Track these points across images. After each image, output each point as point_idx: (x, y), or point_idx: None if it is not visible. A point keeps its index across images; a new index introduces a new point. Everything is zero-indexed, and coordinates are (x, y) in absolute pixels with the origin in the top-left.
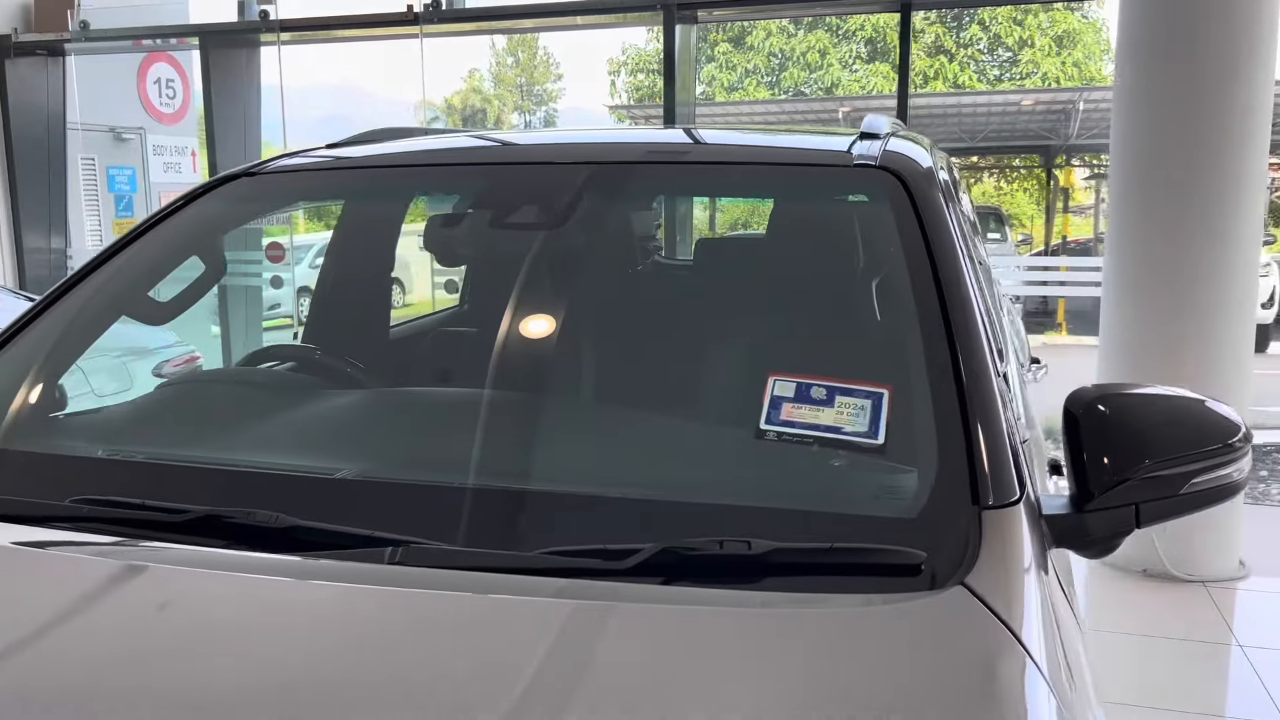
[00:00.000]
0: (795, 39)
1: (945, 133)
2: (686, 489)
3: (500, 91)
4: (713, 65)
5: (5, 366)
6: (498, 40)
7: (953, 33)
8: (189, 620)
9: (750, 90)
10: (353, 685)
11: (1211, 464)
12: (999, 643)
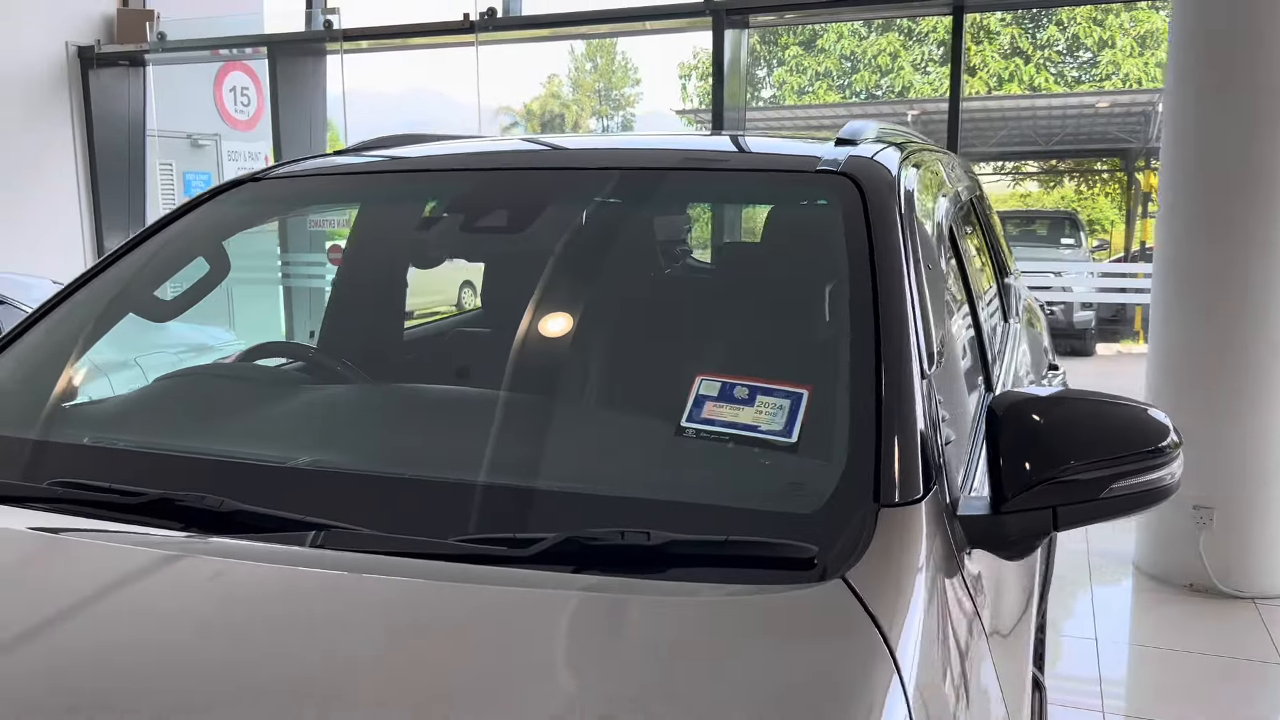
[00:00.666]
0: (867, 42)
1: (1019, 136)
2: (599, 483)
3: (579, 96)
4: (783, 69)
5: (11, 359)
6: (576, 46)
7: (1029, 34)
8: (112, 593)
9: (820, 94)
10: (234, 651)
11: (1135, 468)
12: (864, 642)
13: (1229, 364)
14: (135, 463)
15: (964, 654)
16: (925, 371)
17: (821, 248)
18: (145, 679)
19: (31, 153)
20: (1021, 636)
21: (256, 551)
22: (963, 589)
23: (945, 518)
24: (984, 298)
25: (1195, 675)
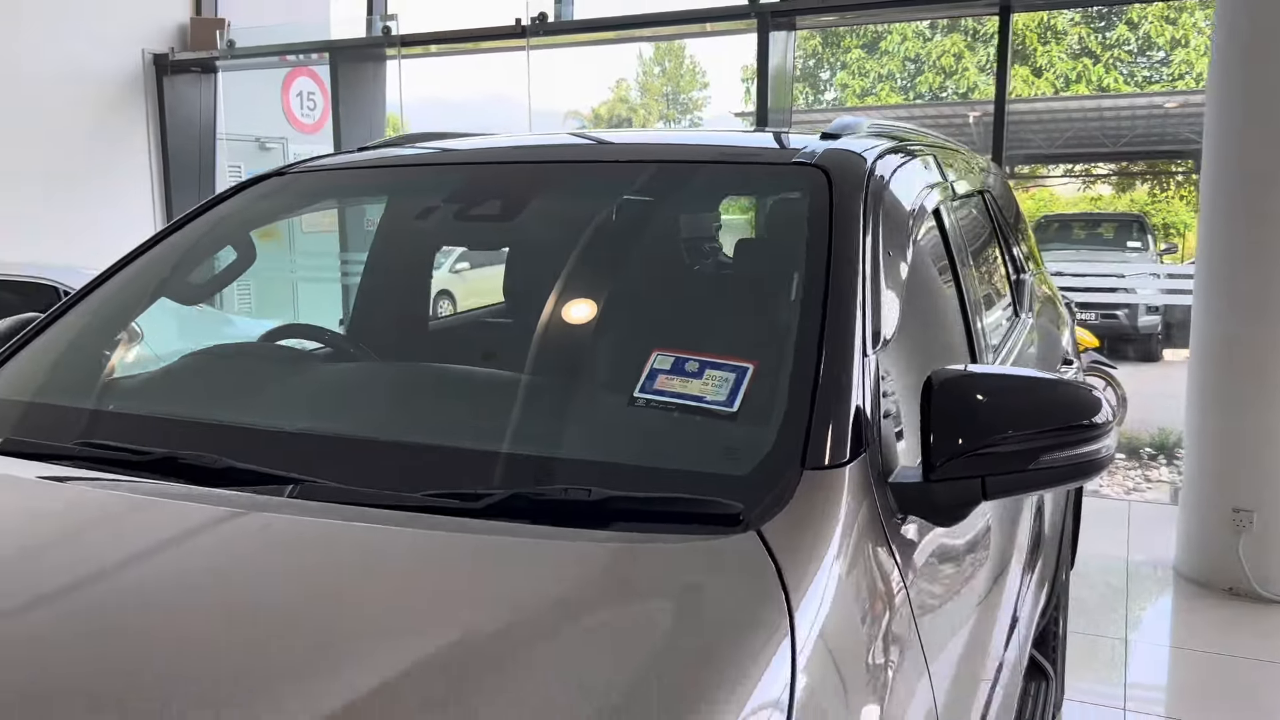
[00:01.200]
0: (931, 43)
1: (1085, 137)
2: (554, 447)
3: (646, 100)
4: (845, 72)
5: (52, 337)
6: (645, 50)
7: (1098, 34)
8: (103, 530)
9: (882, 96)
10: (199, 577)
11: (1065, 441)
12: (765, 589)
13: (1269, 365)
14: (149, 426)
15: (878, 617)
16: (868, 351)
17: (787, 234)
18: (127, 600)
19: (109, 154)
20: (990, 615)
21: (240, 500)
22: (888, 554)
23: (873, 483)
24: (982, 290)
25: (1230, 677)
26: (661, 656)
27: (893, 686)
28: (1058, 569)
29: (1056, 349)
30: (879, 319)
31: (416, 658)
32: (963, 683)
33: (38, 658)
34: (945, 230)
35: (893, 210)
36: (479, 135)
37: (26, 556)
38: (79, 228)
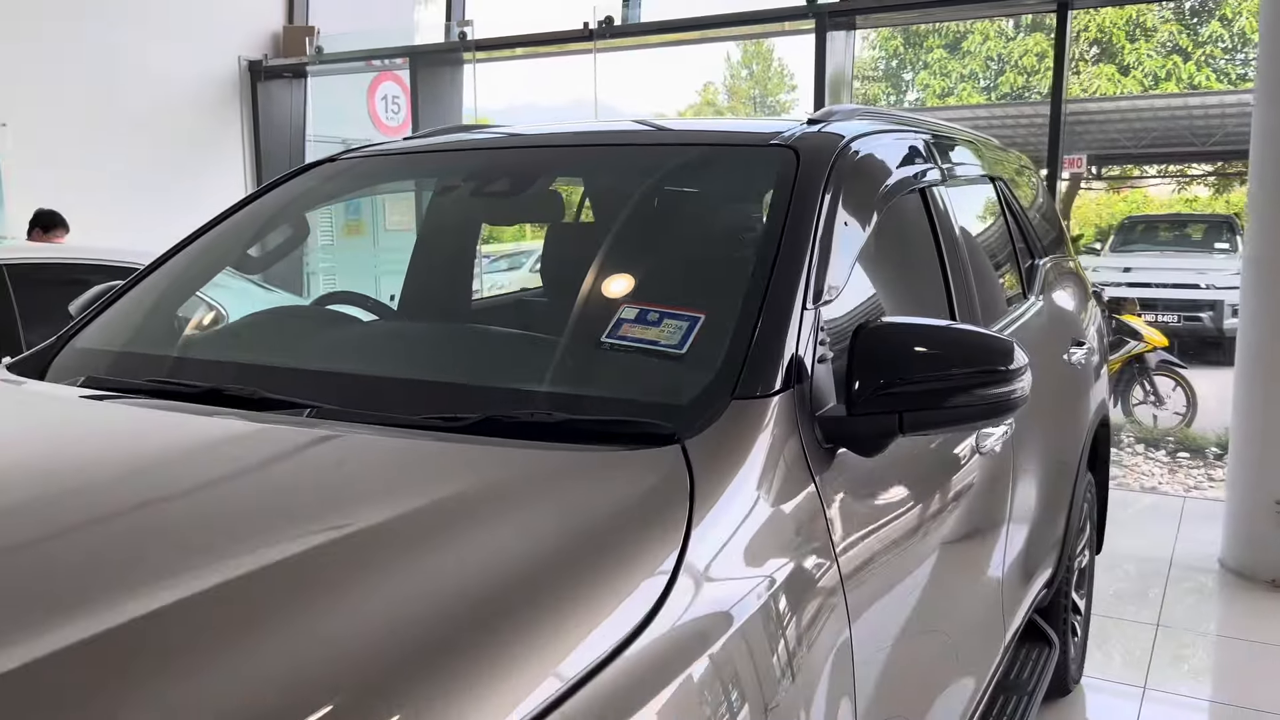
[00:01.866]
0: (1014, 43)
1: (1173, 136)
2: (531, 382)
3: (733, 103)
4: (926, 71)
5: (139, 296)
6: (733, 52)
7: (1189, 31)
8: (139, 437)
9: (963, 96)
10: (219, 465)
11: (977, 383)
12: (678, 485)
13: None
14: (198, 366)
15: (790, 529)
16: (808, 305)
17: (754, 206)
18: (121, 481)
19: (207, 153)
20: (948, 569)
21: (266, 418)
22: (807, 476)
23: (800, 415)
24: (978, 267)
25: (1255, 663)
26: (567, 535)
27: (799, 597)
28: (1064, 546)
29: (1067, 329)
30: (823, 279)
31: (385, 520)
32: (894, 622)
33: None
34: (931, 209)
35: (856, 187)
36: (506, 126)
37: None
38: (179, 220)
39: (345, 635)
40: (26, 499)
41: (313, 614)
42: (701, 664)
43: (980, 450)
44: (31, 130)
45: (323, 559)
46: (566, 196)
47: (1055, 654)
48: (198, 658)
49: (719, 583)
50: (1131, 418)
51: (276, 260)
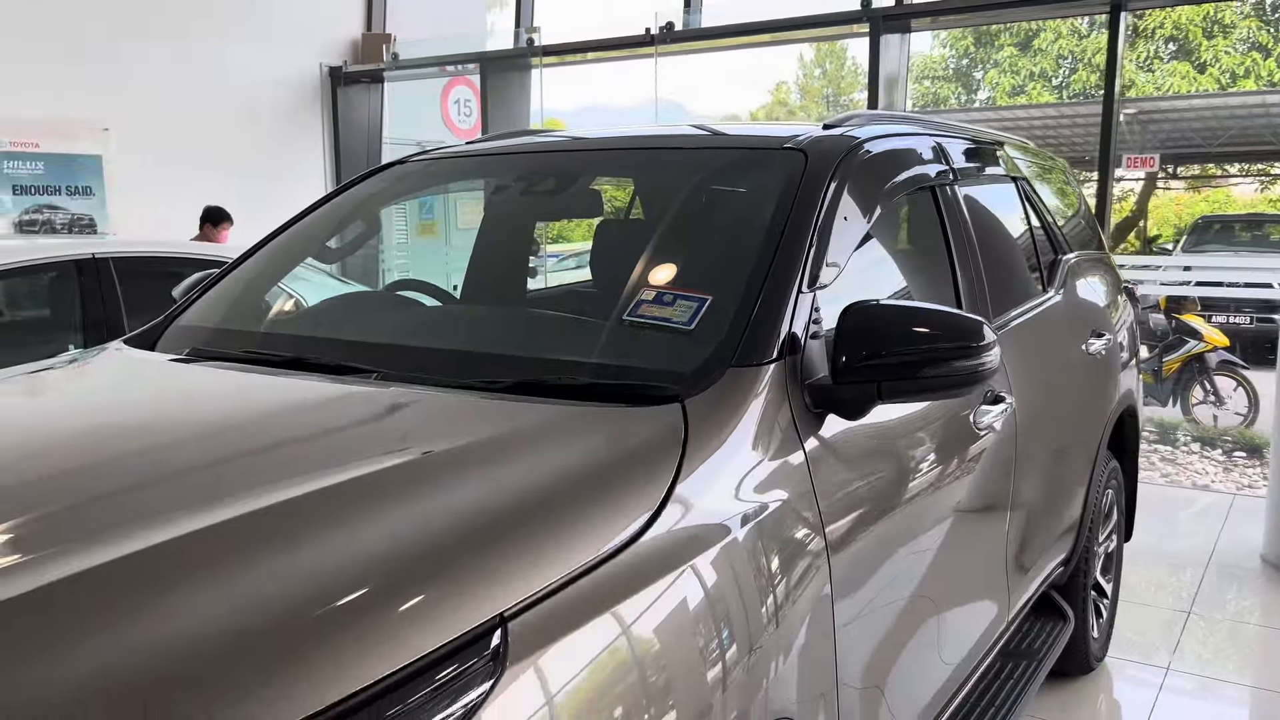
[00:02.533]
0: (1087, 40)
1: (1251, 135)
2: (561, 353)
3: (805, 103)
4: (996, 70)
5: (232, 281)
6: (806, 52)
7: (1270, 27)
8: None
9: (1034, 95)
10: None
11: (947, 357)
12: (670, 441)
13: None
14: (284, 339)
15: (776, 481)
16: (804, 289)
17: (763, 202)
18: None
19: (290, 155)
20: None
21: (342, 380)
22: (794, 437)
23: (790, 381)
24: (991, 258)
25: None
26: (580, 467)
27: (781, 534)
28: (1081, 527)
29: (1088, 321)
30: (819, 267)
31: (439, 450)
32: (878, 576)
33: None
34: (940, 205)
35: (860, 186)
36: (558, 131)
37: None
38: (264, 217)
39: (407, 529)
40: (152, 434)
41: (381, 515)
42: (686, 573)
43: (978, 426)
44: (133, 133)
45: (391, 476)
46: (607, 194)
47: (1069, 628)
48: (318, 539)
49: (703, 510)
50: (1190, 417)
51: (352, 252)
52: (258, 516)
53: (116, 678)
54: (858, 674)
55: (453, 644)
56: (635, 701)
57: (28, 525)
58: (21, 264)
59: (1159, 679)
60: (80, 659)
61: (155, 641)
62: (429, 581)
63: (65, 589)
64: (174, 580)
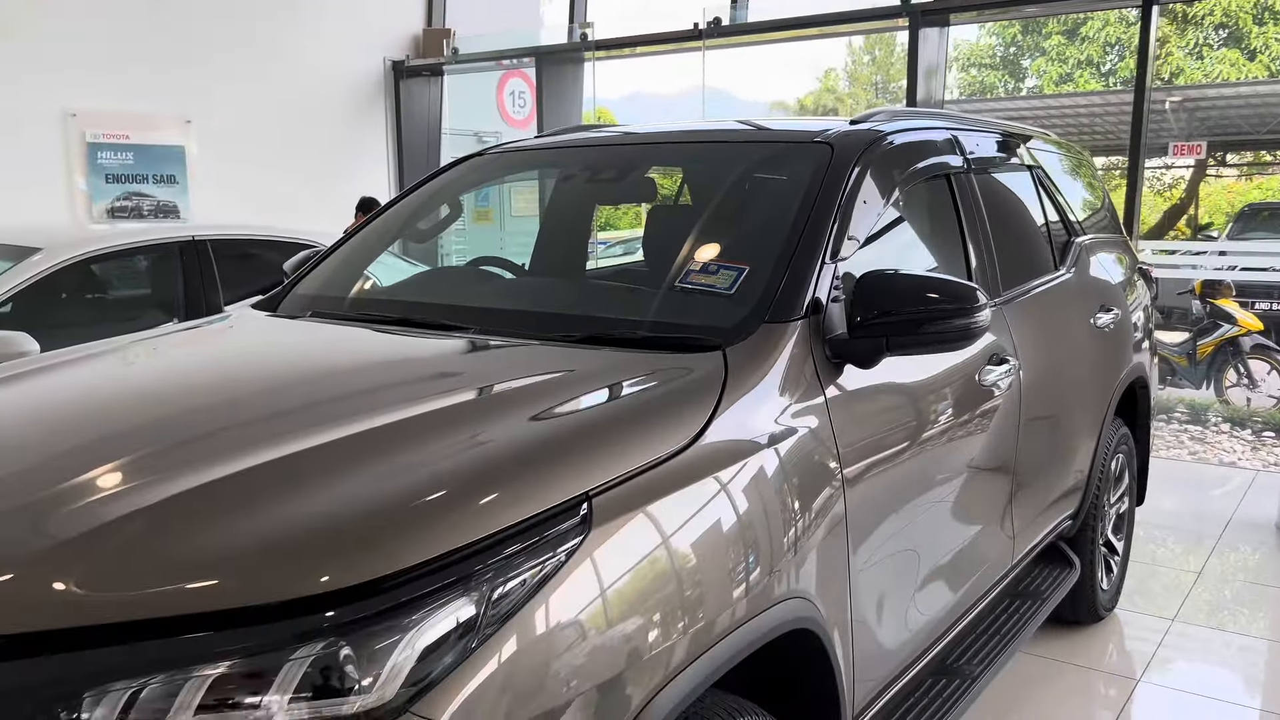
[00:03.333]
0: (1134, 27)
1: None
2: (629, 313)
3: (854, 90)
4: (1044, 58)
5: (337, 259)
6: (855, 39)
7: None
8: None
9: (1081, 82)
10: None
11: (943, 315)
12: (712, 380)
13: None
14: (389, 303)
15: (799, 414)
16: (827, 261)
17: (794, 189)
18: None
19: (356, 144)
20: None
21: (442, 336)
22: (816, 383)
23: (813, 335)
24: (1002, 238)
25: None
26: (639, 396)
27: (801, 460)
28: (1089, 486)
29: (1096, 297)
30: (840, 242)
31: (527, 382)
32: (889, 508)
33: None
34: (954, 191)
35: (878, 174)
36: (616, 126)
37: (290, 349)
38: (330, 203)
39: (521, 434)
40: (287, 374)
41: (498, 424)
42: (722, 475)
43: (983, 384)
44: (212, 125)
45: (500, 398)
46: (659, 181)
47: (1075, 575)
48: (455, 439)
49: (738, 432)
50: (1224, 399)
51: (439, 233)
52: (404, 424)
53: (318, 529)
54: (868, 582)
55: (554, 510)
56: (679, 560)
57: (223, 433)
58: (135, 244)
59: (1164, 628)
60: (279, 519)
61: (350, 503)
62: (539, 468)
63: (269, 470)
64: (363, 462)
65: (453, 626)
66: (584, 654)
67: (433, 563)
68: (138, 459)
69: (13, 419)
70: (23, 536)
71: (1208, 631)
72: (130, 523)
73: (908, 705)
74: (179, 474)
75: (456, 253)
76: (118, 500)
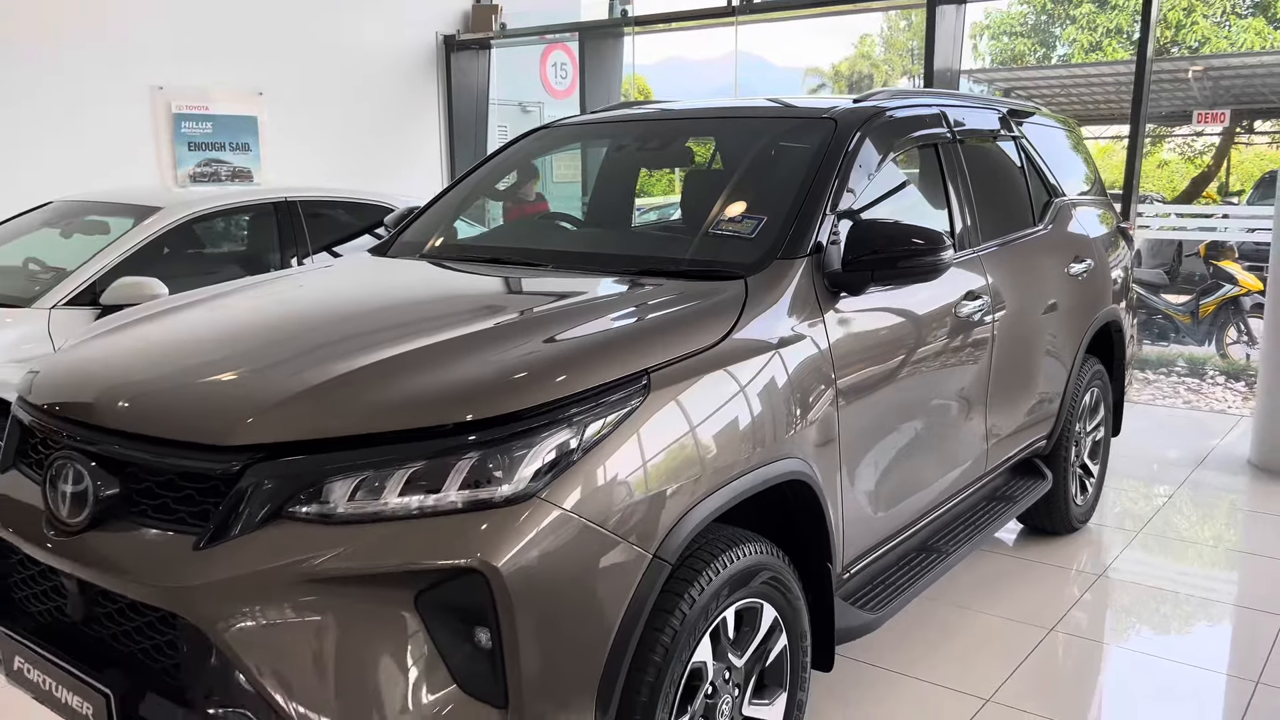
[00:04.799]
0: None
1: None
2: (671, 252)
3: (889, 56)
4: (1074, 26)
5: (431, 214)
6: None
7: None
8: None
9: (1109, 51)
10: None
11: (915, 253)
12: (734, 300)
13: None
14: (477, 248)
15: (803, 330)
16: (827, 213)
17: (803, 156)
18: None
19: (409, 114)
20: (951, 403)
21: (529, 271)
22: (816, 305)
23: (815, 269)
24: (983, 198)
25: (1252, 524)
26: (680, 309)
27: (802, 364)
28: (1060, 413)
29: (1071, 249)
30: (839, 198)
31: (595, 296)
32: (874, 409)
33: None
34: (940, 157)
35: (874, 143)
36: (654, 103)
37: (407, 282)
38: (387, 168)
39: (600, 330)
40: (416, 295)
41: (580, 325)
42: (740, 364)
43: (959, 315)
44: (281, 96)
45: (579, 310)
46: (694, 149)
47: (1046, 485)
48: (548, 334)
49: (755, 337)
50: (1224, 354)
51: (514, 194)
52: (514, 324)
53: (453, 385)
54: (853, 461)
55: (625, 379)
56: (710, 419)
57: (386, 330)
58: (239, 204)
59: (1130, 538)
60: (443, 376)
61: (493, 368)
62: (614, 351)
63: (428, 350)
64: (497, 346)
65: (561, 444)
66: (643, 473)
67: (547, 405)
68: (335, 343)
69: (224, 323)
70: (283, 383)
71: (1169, 541)
72: (349, 376)
73: (891, 570)
74: (366, 353)
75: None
76: (334, 364)
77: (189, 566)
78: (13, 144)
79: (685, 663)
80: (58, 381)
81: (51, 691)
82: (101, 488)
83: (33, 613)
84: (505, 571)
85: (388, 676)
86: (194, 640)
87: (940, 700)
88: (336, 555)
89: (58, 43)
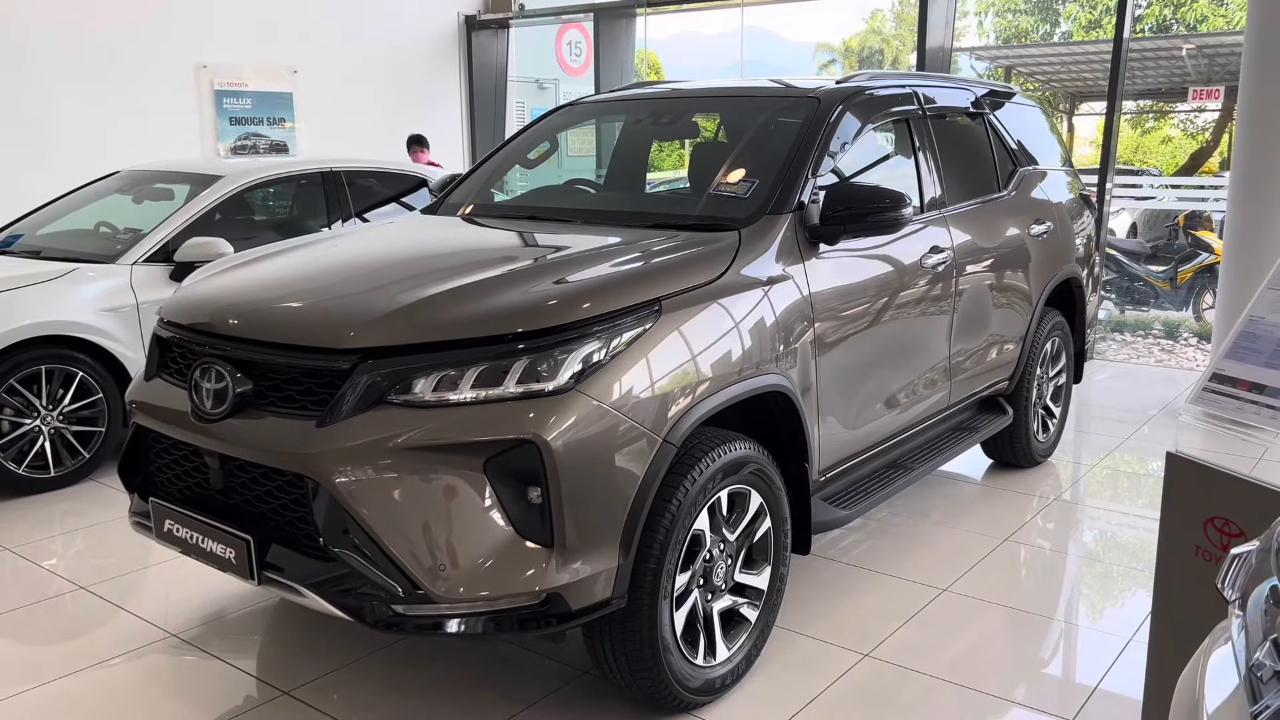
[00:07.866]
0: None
1: None
2: (679, 209)
3: (900, 31)
4: (1074, 4)
5: (471, 179)
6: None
7: None
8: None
9: (1108, 28)
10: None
11: (878, 209)
12: (728, 248)
13: (1268, 256)
14: (512, 208)
15: (788, 274)
16: (809, 177)
17: (789, 130)
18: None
19: (433, 90)
20: (915, 340)
21: (556, 224)
22: (798, 254)
23: (798, 223)
24: (950, 164)
25: None
26: (685, 253)
27: (785, 302)
28: (1020, 358)
29: (1033, 212)
30: (819, 164)
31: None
32: (846, 344)
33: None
34: (911, 130)
35: (851, 118)
36: (666, 83)
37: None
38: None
39: (621, 266)
40: (467, 243)
41: (604, 264)
42: (734, 297)
43: (923, 266)
44: (314, 74)
45: (605, 252)
46: (700, 123)
47: (1007, 420)
48: (580, 271)
49: (746, 275)
50: (1200, 319)
51: (541, 163)
52: (551, 263)
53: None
54: (827, 383)
55: (641, 304)
56: (708, 339)
57: (450, 268)
58: (290, 173)
59: (1084, 471)
60: (501, 299)
61: (540, 293)
62: (634, 283)
63: (485, 282)
64: (539, 279)
65: (592, 352)
66: (655, 377)
67: (580, 322)
68: (416, 276)
69: (324, 261)
70: (382, 303)
71: (1121, 474)
72: (431, 298)
73: (863, 481)
74: (440, 282)
75: (520, 186)
76: (418, 290)
77: (313, 439)
78: (86, 121)
79: (688, 528)
80: (198, 305)
81: (198, 544)
82: (239, 384)
83: (176, 490)
84: (553, 444)
85: (462, 521)
86: (317, 496)
87: (901, 589)
88: (424, 431)
89: (118, 29)
